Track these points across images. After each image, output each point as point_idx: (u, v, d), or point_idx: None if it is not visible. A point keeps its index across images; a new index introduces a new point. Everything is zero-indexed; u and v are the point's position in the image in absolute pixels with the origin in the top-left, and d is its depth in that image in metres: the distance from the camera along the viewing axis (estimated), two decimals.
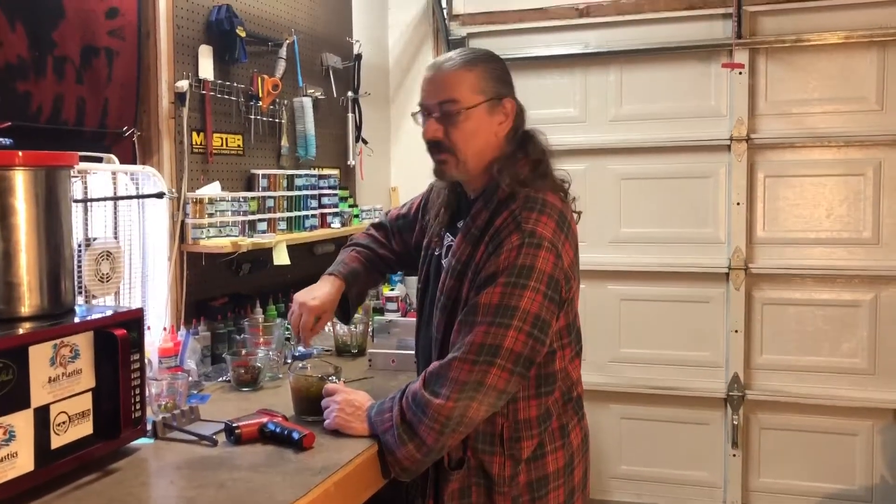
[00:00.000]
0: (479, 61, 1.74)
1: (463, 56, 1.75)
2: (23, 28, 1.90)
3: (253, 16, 2.76)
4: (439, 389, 1.57)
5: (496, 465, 1.68)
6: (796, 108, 3.50)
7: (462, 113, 1.69)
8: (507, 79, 1.77)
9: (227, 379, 2.21)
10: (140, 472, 1.56)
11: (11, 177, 1.47)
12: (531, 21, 3.80)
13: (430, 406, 1.57)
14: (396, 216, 2.16)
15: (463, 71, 1.71)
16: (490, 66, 1.74)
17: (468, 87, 1.70)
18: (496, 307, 1.58)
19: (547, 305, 1.60)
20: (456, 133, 1.71)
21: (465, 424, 1.59)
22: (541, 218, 1.64)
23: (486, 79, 1.72)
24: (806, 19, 3.44)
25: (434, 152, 1.76)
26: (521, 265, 1.59)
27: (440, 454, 1.64)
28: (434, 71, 1.75)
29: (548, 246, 1.61)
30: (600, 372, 3.76)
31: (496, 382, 1.57)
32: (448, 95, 1.71)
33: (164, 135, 2.36)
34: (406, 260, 2.16)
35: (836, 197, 3.49)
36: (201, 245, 2.38)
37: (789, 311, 3.56)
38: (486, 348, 1.56)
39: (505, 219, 1.65)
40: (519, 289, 1.58)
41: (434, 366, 1.63)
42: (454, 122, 1.70)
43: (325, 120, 3.24)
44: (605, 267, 3.73)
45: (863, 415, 3.48)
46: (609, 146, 3.74)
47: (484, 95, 1.71)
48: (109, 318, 1.57)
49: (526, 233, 1.61)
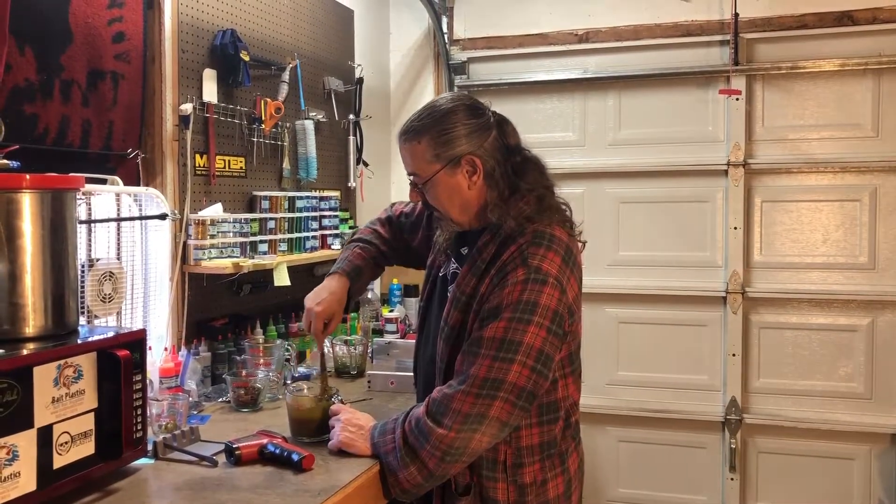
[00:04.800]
0: (427, 128, 1.72)
1: (416, 124, 1.74)
2: (31, 51, 1.93)
3: (256, 40, 2.80)
4: (442, 419, 1.59)
5: (500, 491, 1.69)
6: (793, 133, 3.54)
7: (428, 182, 1.74)
8: (463, 132, 1.71)
9: (227, 399, 2.22)
10: (140, 492, 1.57)
11: (19, 199, 1.49)
12: (531, 46, 3.84)
13: (432, 434, 1.58)
14: (401, 213, 2.20)
15: (412, 145, 1.74)
16: (436, 131, 1.71)
17: (420, 159, 1.73)
18: (500, 341, 1.59)
19: (551, 340, 1.62)
20: (431, 199, 1.77)
21: (468, 455, 1.60)
22: (547, 254, 1.65)
23: (436, 145, 1.71)
24: (802, 47, 3.49)
25: (429, 209, 1.82)
26: (525, 301, 1.60)
27: (441, 480, 1.65)
28: (399, 141, 1.79)
29: (553, 283, 1.62)
30: (598, 394, 3.76)
31: (499, 415, 1.58)
32: (409, 169, 1.78)
33: (168, 157, 2.38)
34: (405, 257, 2.21)
35: (833, 222, 3.52)
36: (203, 266, 2.40)
37: (786, 335, 3.58)
38: (490, 382, 1.57)
39: (512, 253, 1.66)
40: (523, 324, 1.59)
41: (438, 393, 1.64)
42: (425, 190, 1.76)
43: (327, 142, 3.27)
44: (603, 290, 3.75)
45: (860, 439, 3.48)
46: (607, 170, 3.77)
47: (438, 162, 1.71)
48: (112, 340, 1.58)
49: (532, 269, 1.62)
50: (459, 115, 1.73)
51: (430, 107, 1.77)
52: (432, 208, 1.79)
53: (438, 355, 1.77)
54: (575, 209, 1.85)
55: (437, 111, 1.74)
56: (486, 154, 1.72)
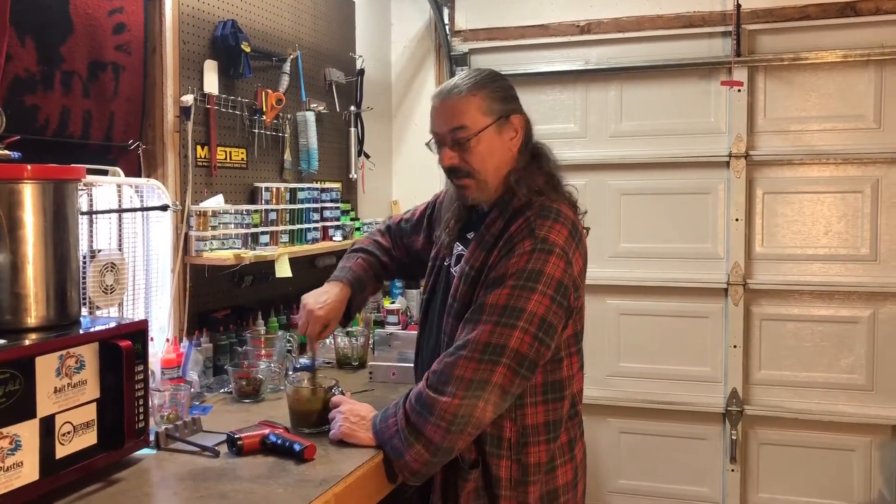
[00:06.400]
0: (482, 84, 1.77)
1: (467, 81, 1.78)
2: (32, 42, 1.93)
3: (257, 31, 2.80)
4: (444, 388, 1.59)
5: (503, 468, 1.69)
6: (794, 125, 3.53)
7: (473, 138, 1.74)
8: (512, 95, 1.82)
9: (228, 390, 2.23)
10: (143, 482, 1.57)
11: (20, 190, 1.49)
12: (533, 37, 3.84)
13: (435, 404, 1.58)
14: (400, 220, 2.23)
15: (468, 96, 1.75)
16: (494, 87, 1.78)
17: (475, 111, 1.74)
18: (503, 307, 1.60)
19: (554, 310, 1.63)
20: (471, 157, 1.75)
21: (473, 425, 1.59)
22: (554, 226, 1.67)
23: (491, 100, 1.76)
24: (804, 38, 3.48)
25: (454, 177, 1.80)
26: (530, 269, 1.62)
27: (449, 455, 1.64)
28: (441, 99, 1.78)
29: (559, 252, 1.64)
30: (599, 386, 3.77)
31: (501, 381, 1.58)
32: (458, 122, 1.75)
33: (169, 148, 2.38)
34: (405, 268, 2.23)
35: (834, 214, 3.51)
36: (204, 257, 2.40)
37: (787, 327, 3.58)
38: (492, 347, 1.58)
39: (520, 225, 1.69)
40: (527, 291, 1.61)
41: (437, 364, 1.64)
42: (467, 148, 1.75)
43: (328, 134, 3.26)
44: (605, 281, 3.75)
45: (861, 431, 3.49)
46: (609, 161, 3.77)
47: (492, 116, 1.75)
48: (114, 330, 1.58)
49: (538, 239, 1.64)
50: (506, 81, 1.83)
51: (475, 72, 1.83)
52: (463, 174, 1.77)
53: (447, 332, 1.77)
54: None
55: (486, 75, 1.80)
56: (526, 121, 1.82)
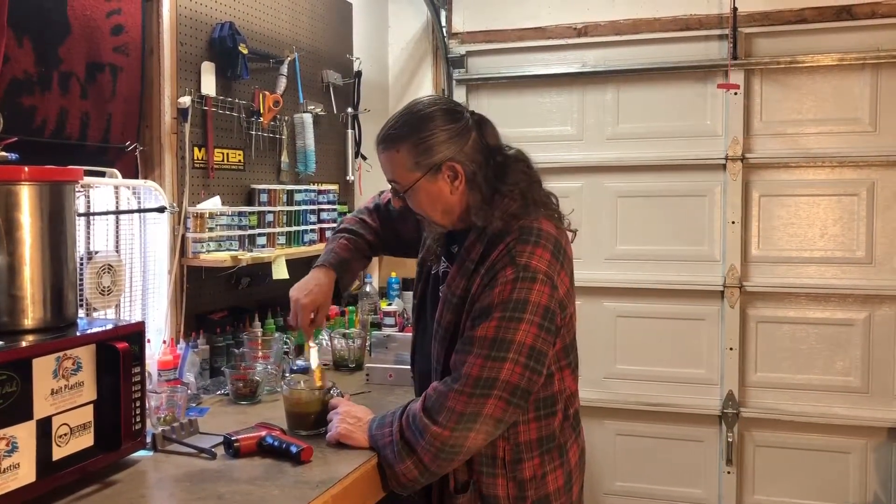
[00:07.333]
0: (406, 135, 1.69)
1: (392, 131, 1.72)
2: (30, 43, 1.93)
3: (255, 33, 2.80)
4: (437, 417, 1.59)
5: (500, 486, 1.69)
6: (791, 128, 3.54)
7: (410, 190, 1.72)
8: (443, 138, 1.68)
9: (225, 392, 2.23)
10: (139, 484, 1.57)
11: (17, 191, 1.49)
12: (530, 40, 3.84)
13: (427, 431, 1.59)
14: (388, 200, 2.12)
15: (391, 153, 1.72)
16: (420, 136, 1.68)
17: (401, 168, 1.72)
18: (492, 340, 1.59)
19: (543, 336, 1.62)
20: (413, 204, 1.76)
21: (464, 453, 1.61)
22: (535, 251, 1.64)
23: (416, 153, 1.68)
24: (800, 41, 3.49)
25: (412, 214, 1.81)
26: (516, 299, 1.60)
27: (438, 476, 1.65)
28: (376, 146, 1.77)
29: (542, 279, 1.62)
30: (595, 388, 3.77)
31: (493, 412, 1.58)
32: (390, 176, 1.76)
33: (166, 150, 2.38)
34: (394, 246, 2.19)
35: (830, 216, 3.52)
36: (201, 259, 2.40)
37: (783, 329, 3.58)
38: (483, 381, 1.58)
39: (500, 252, 1.65)
40: (514, 322, 1.59)
41: (434, 389, 1.64)
42: (407, 197, 1.74)
43: (325, 136, 3.27)
44: (601, 283, 3.75)
45: (857, 433, 3.49)
46: (605, 164, 3.77)
47: (419, 170, 1.69)
48: (111, 332, 1.59)
49: (520, 266, 1.62)
50: (437, 120, 1.70)
51: (406, 112, 1.74)
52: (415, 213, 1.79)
53: (434, 357, 1.77)
54: (573, 203, 1.86)
55: (414, 117, 1.71)
56: (467, 158, 1.70)
